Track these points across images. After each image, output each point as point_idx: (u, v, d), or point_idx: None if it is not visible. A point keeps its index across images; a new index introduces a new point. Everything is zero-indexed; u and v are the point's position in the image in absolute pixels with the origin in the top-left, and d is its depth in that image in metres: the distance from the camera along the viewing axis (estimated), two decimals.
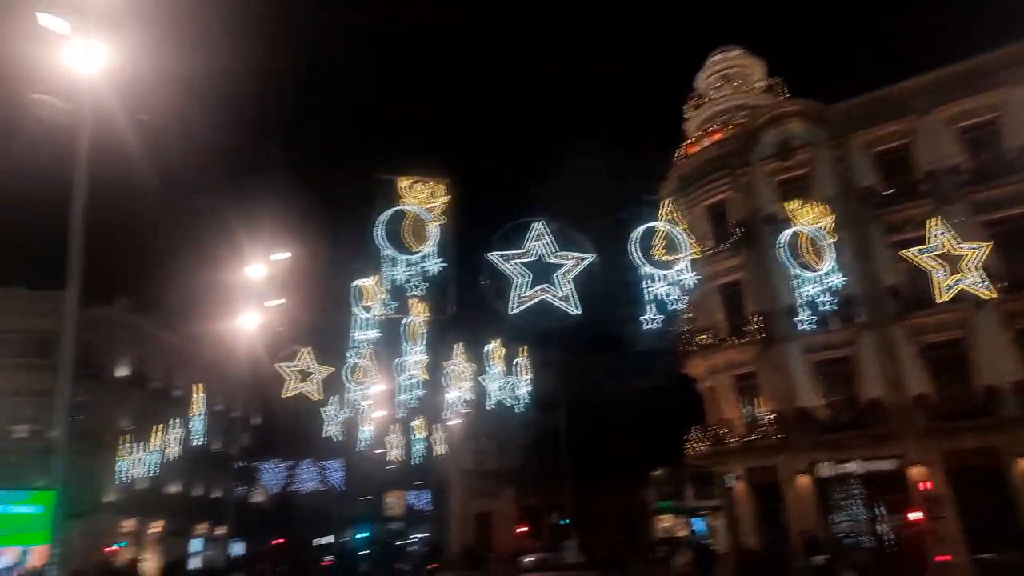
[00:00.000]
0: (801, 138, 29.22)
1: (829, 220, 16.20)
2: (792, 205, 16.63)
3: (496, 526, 46.69)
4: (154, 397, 43.94)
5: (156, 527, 44.01)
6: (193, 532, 48.81)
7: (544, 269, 11.94)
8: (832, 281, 15.93)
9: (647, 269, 13.49)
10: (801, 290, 16.07)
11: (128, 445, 37.92)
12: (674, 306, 13.65)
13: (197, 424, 33.08)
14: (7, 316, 38.96)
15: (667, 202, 14.32)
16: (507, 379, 28.72)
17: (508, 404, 28.62)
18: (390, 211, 11.84)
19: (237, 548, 39.80)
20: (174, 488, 47.02)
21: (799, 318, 16.47)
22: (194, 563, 44.25)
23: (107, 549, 35.81)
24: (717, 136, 33.75)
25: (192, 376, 46.33)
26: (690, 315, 30.94)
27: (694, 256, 13.80)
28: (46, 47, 12.01)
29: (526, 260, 11.97)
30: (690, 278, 13.76)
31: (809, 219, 16.15)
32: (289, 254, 21.31)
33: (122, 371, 41.77)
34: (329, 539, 62.16)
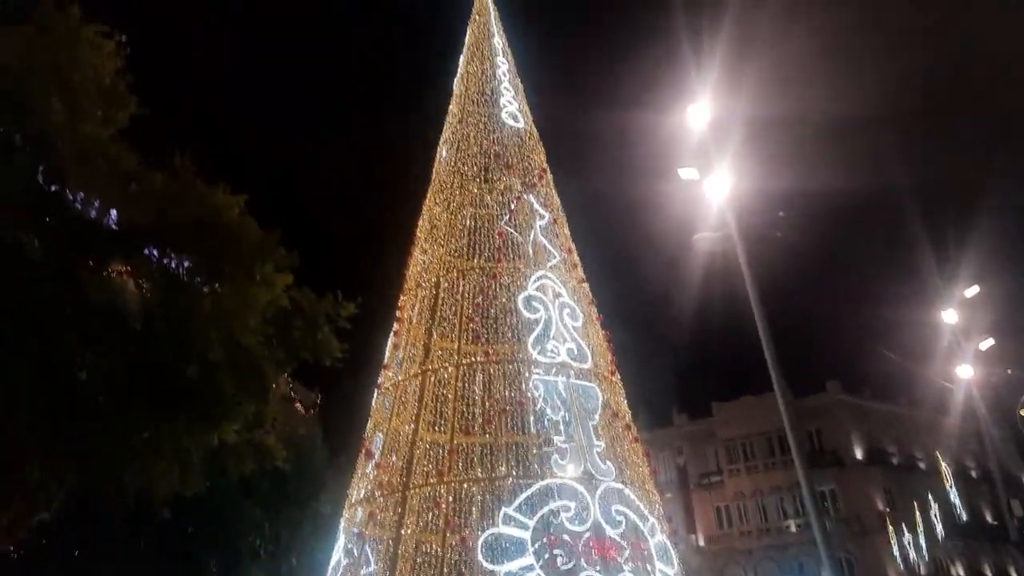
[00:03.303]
0: None
1: None
2: None
3: None
4: (899, 472, 42.58)
5: None
6: None
7: None
8: None
9: None
10: None
11: (890, 526, 37.25)
12: None
13: (952, 495, 30.49)
14: (747, 423, 44.58)
15: None
16: None
17: None
18: None
19: None
20: (957, 569, 43.28)
21: None
22: None
23: None
24: None
25: (931, 443, 43.57)
26: None
27: None
28: (690, 193, 14.58)
29: None
30: None
31: None
32: (977, 288, 18.76)
33: (859, 451, 42.10)
34: None
